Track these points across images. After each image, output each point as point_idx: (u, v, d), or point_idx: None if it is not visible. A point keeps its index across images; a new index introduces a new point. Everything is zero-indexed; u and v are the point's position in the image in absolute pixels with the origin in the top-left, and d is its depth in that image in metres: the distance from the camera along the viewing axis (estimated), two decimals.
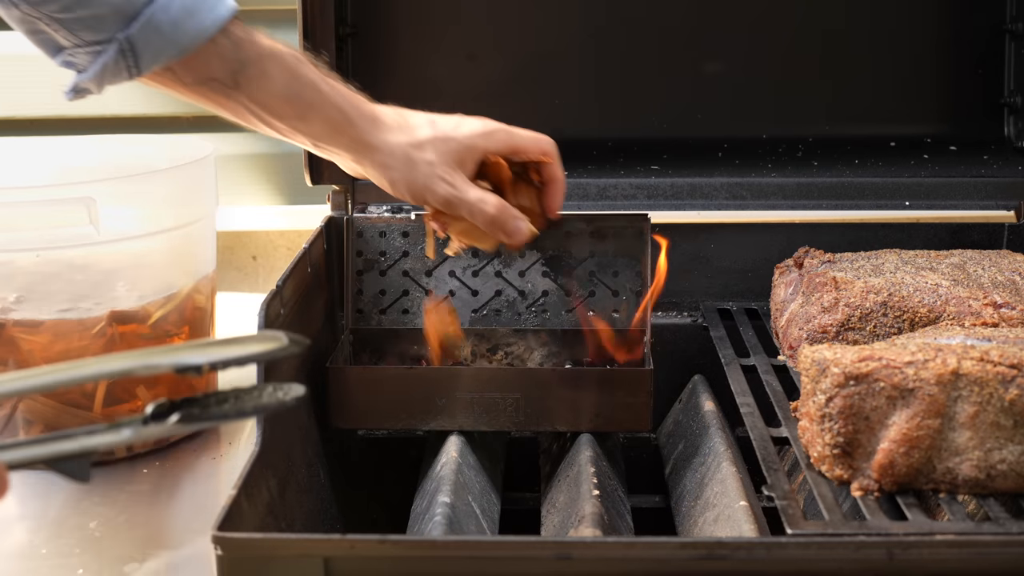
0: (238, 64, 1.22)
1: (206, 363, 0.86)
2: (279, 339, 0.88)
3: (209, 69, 1.21)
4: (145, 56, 1.18)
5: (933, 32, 1.75)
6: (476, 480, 1.34)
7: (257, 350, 0.89)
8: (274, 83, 1.24)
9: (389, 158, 1.29)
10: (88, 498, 1.29)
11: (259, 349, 0.89)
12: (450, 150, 1.30)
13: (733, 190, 1.64)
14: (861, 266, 1.41)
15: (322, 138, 1.29)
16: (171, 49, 1.18)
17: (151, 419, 0.87)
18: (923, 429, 1.05)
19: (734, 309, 1.58)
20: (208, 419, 0.88)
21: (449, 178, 1.29)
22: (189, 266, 1.45)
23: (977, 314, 1.29)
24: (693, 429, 1.44)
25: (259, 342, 0.89)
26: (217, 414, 0.87)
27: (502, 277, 1.53)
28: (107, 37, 1.17)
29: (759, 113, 1.76)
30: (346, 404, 1.40)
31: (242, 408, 0.87)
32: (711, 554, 0.95)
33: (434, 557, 0.98)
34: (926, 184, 1.64)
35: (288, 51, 1.25)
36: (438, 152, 1.29)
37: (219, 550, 0.96)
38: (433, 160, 1.29)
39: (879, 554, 0.95)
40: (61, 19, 1.16)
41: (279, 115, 1.26)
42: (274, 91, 1.24)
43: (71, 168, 1.55)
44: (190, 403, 0.87)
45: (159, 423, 0.87)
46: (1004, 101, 1.72)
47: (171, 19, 1.17)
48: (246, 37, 1.22)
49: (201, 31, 1.18)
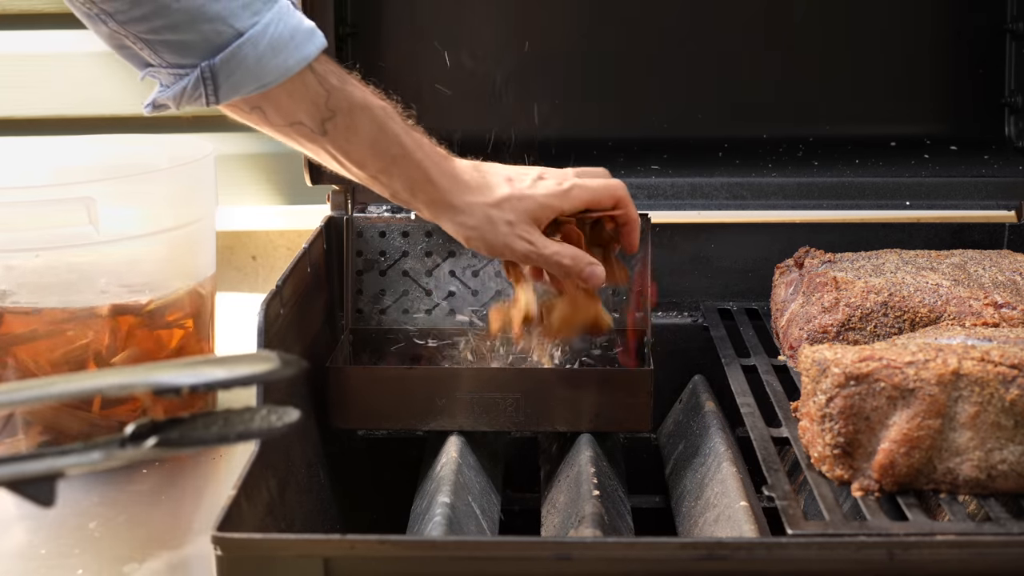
0: (328, 113, 1.22)
1: (186, 385, 0.82)
2: (270, 360, 0.84)
3: (297, 114, 1.22)
4: (225, 87, 1.18)
5: (933, 32, 1.75)
6: (476, 480, 1.34)
7: (245, 372, 0.84)
8: (361, 136, 1.25)
9: (469, 219, 1.31)
10: (88, 498, 1.28)
11: (247, 371, 0.84)
12: (527, 209, 1.31)
13: (733, 190, 1.64)
14: (862, 266, 1.41)
15: (401, 192, 1.30)
16: (252, 83, 1.18)
17: (129, 441, 0.82)
18: (924, 429, 1.05)
19: (734, 309, 1.57)
20: (188, 444, 0.83)
21: (527, 235, 1.31)
22: (189, 266, 1.45)
23: (978, 314, 1.29)
24: (693, 429, 1.43)
25: (248, 363, 0.84)
26: (198, 438, 0.82)
27: (502, 277, 1.53)
28: (191, 63, 1.18)
29: (759, 113, 1.75)
30: (346, 404, 1.40)
31: (227, 433, 0.83)
32: (711, 554, 0.95)
33: (434, 557, 0.97)
34: (927, 184, 1.64)
35: (378, 103, 1.26)
36: (516, 212, 1.31)
37: (219, 550, 0.96)
38: (512, 220, 1.30)
39: (880, 554, 0.95)
40: (148, 40, 1.17)
41: (361, 166, 1.27)
42: (360, 144, 1.25)
43: (71, 168, 1.55)
44: (174, 424, 0.83)
45: (136, 446, 0.82)
46: (1005, 101, 1.72)
47: (257, 54, 1.17)
48: (339, 86, 1.23)
49: (285, 68, 1.18)
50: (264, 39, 1.17)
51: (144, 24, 1.15)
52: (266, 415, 0.84)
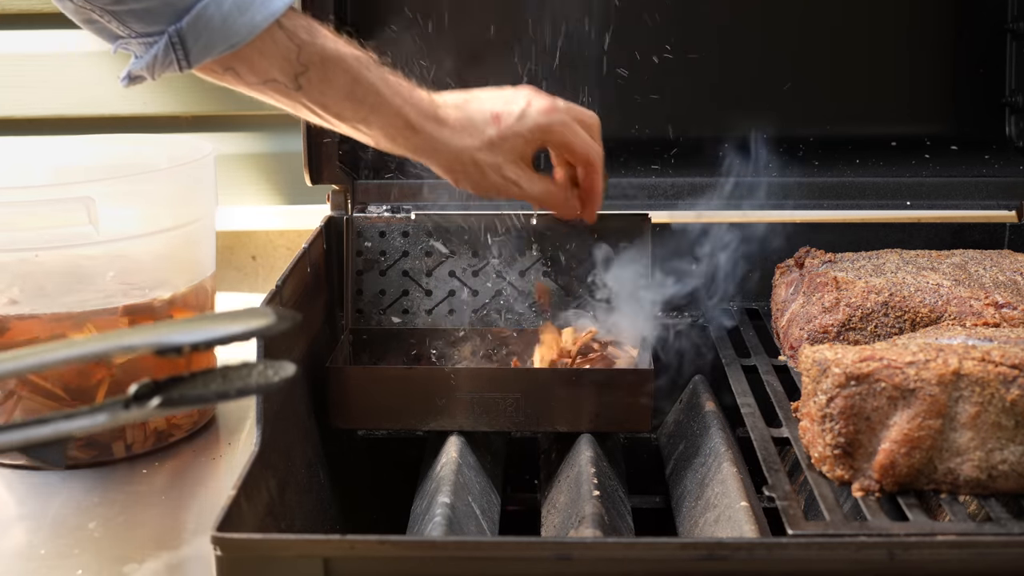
0: (300, 67, 1.23)
1: (187, 343, 0.83)
2: (267, 315, 0.85)
3: (271, 71, 1.22)
4: (195, 50, 1.19)
5: (934, 31, 1.74)
6: (476, 480, 1.33)
7: (243, 328, 0.85)
8: (335, 88, 1.25)
9: (456, 163, 1.32)
10: (87, 498, 1.28)
11: (245, 327, 0.85)
12: (513, 147, 1.34)
13: (733, 190, 1.64)
14: (862, 266, 1.41)
15: (382, 141, 1.31)
16: (221, 44, 1.18)
17: (133, 401, 0.83)
18: (924, 429, 1.05)
19: (735, 309, 1.57)
20: (190, 402, 0.84)
21: (514, 177, 1.35)
22: (189, 266, 1.45)
23: (978, 314, 1.29)
24: (694, 429, 1.43)
25: (246, 319, 0.86)
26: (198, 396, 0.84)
27: (502, 277, 1.53)
28: (159, 29, 1.18)
29: (759, 113, 1.75)
30: (346, 404, 1.39)
31: (226, 390, 0.84)
32: (712, 555, 0.95)
33: (434, 558, 0.97)
34: (927, 184, 1.64)
35: (351, 53, 1.26)
36: (502, 152, 1.33)
37: (219, 551, 0.96)
38: (499, 163, 1.33)
39: (880, 555, 0.95)
40: (113, 11, 1.17)
41: (341, 117, 1.28)
42: (335, 95, 1.26)
43: (70, 168, 1.55)
44: (175, 383, 0.84)
45: (140, 406, 0.83)
46: (1005, 101, 1.72)
47: (223, 14, 1.17)
48: (309, 39, 1.23)
49: (252, 26, 1.19)
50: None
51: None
52: (263, 370, 0.85)
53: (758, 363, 1.38)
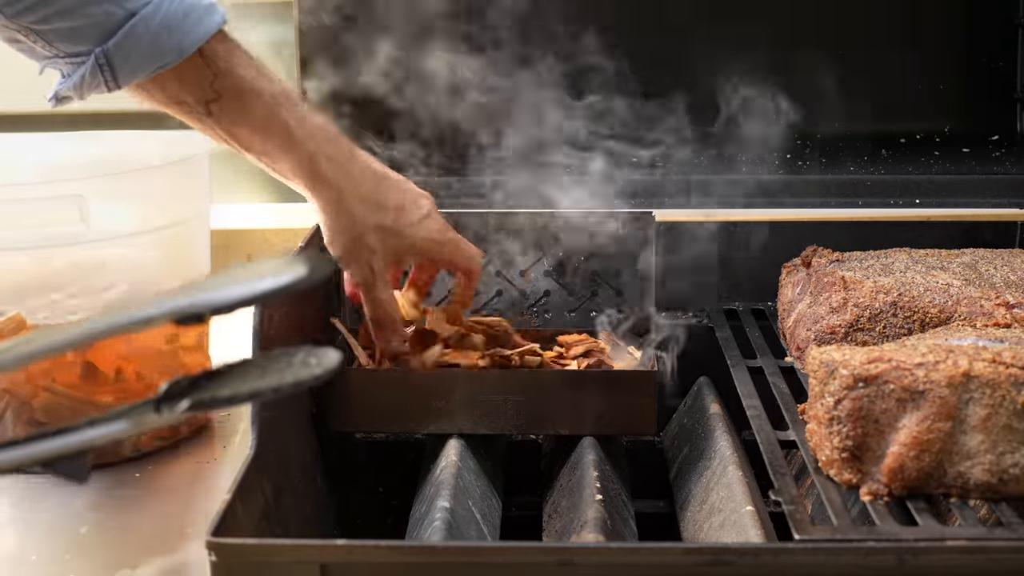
0: (213, 94, 1.21)
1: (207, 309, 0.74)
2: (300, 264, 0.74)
3: (181, 94, 1.20)
4: (123, 71, 1.17)
5: (944, 27, 1.75)
6: (476, 484, 1.33)
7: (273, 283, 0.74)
8: (247, 119, 1.23)
9: (349, 225, 1.30)
10: (80, 502, 1.28)
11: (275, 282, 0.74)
12: (396, 247, 1.32)
13: (739, 188, 1.64)
14: (870, 265, 1.40)
15: (290, 177, 1.29)
16: (149, 65, 1.17)
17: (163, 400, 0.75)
18: (934, 432, 1.04)
19: (740, 309, 1.57)
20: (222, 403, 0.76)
21: (378, 272, 1.33)
22: (183, 265, 1.44)
23: (989, 314, 1.28)
24: (698, 432, 1.43)
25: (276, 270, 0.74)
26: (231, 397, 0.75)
27: (503, 277, 1.52)
28: (86, 50, 1.16)
29: (765, 111, 1.75)
30: (344, 407, 1.38)
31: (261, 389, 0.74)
32: (717, 560, 0.94)
33: (433, 563, 0.97)
34: (937, 181, 1.64)
35: (268, 88, 1.23)
36: (384, 246, 1.32)
37: (213, 556, 0.95)
38: (376, 250, 1.31)
39: (889, 560, 0.94)
40: (39, 30, 1.16)
41: (249, 148, 1.26)
42: (246, 127, 1.24)
43: (61, 165, 1.54)
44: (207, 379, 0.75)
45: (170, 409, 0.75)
46: (1017, 97, 1.73)
47: (151, 34, 1.16)
48: (226, 67, 1.20)
49: (180, 49, 1.17)
50: (156, 18, 1.15)
51: (33, 14, 1.14)
52: (304, 358, 0.76)
53: (764, 364, 1.37)
